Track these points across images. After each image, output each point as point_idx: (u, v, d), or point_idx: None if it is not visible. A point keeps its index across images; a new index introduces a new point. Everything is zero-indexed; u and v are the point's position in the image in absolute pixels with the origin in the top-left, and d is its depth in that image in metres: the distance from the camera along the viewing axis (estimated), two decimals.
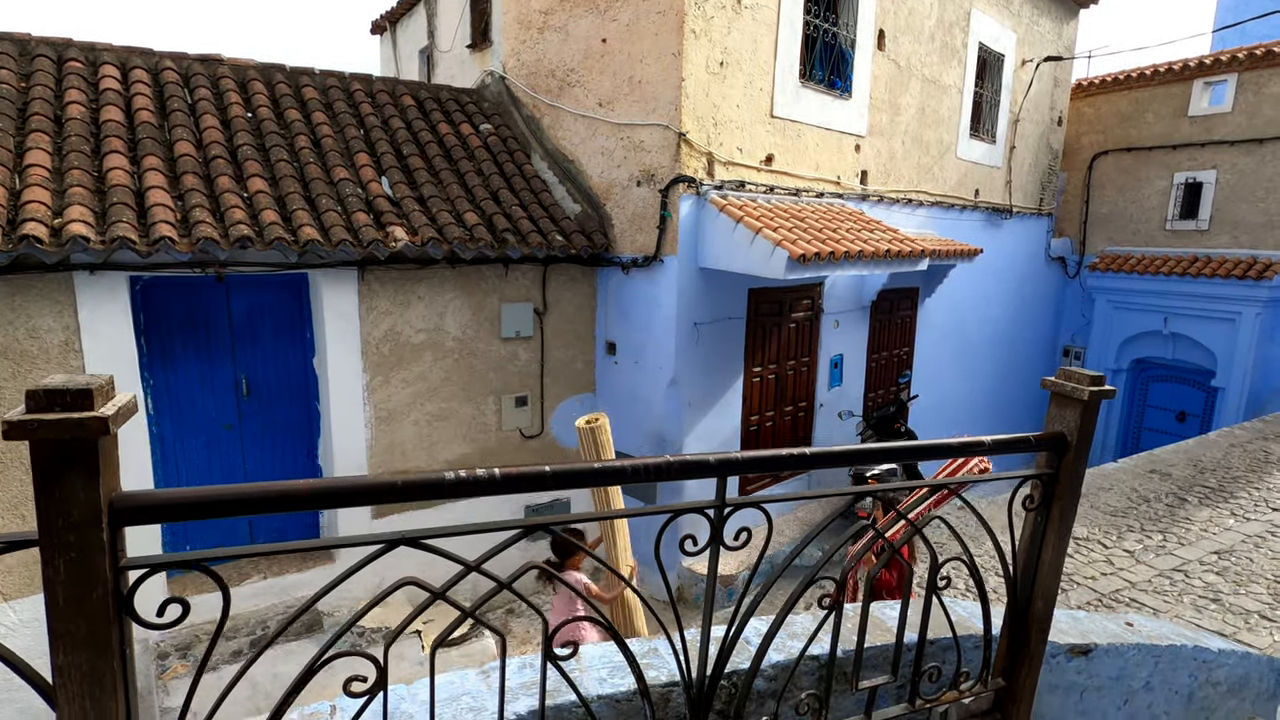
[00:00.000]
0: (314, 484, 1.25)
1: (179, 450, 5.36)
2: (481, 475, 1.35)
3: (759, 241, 5.73)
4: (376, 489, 1.30)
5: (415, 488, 1.31)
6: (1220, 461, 8.81)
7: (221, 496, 1.19)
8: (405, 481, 1.30)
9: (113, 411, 1.06)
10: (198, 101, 5.99)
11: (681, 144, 5.96)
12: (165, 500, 1.16)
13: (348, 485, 1.29)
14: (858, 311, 8.30)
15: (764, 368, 7.24)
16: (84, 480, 1.05)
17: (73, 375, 1.09)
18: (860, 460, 1.77)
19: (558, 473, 1.42)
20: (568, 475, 1.44)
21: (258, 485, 1.21)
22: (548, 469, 1.41)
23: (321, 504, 1.27)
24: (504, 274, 6.38)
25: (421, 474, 1.31)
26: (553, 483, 1.42)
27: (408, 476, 1.31)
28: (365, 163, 6.16)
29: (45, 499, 1.04)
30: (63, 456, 1.03)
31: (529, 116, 7.50)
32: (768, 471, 1.64)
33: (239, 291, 5.49)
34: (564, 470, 1.43)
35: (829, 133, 7.37)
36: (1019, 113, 10.82)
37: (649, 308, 6.45)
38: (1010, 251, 11.22)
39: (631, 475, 1.51)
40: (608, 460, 1.43)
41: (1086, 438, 2.03)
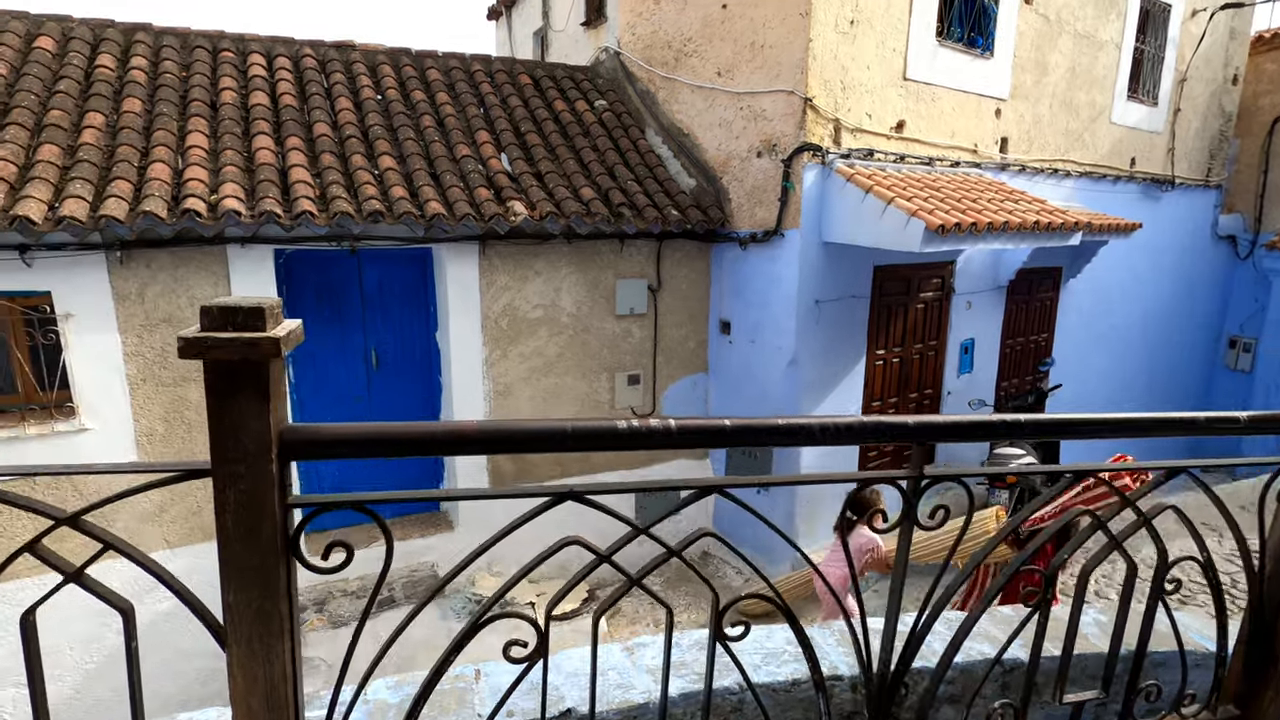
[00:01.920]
0: (482, 426, 1.14)
1: (316, 419, 5.64)
2: (656, 426, 1.19)
3: (891, 212, 5.31)
4: (545, 435, 1.17)
5: (585, 436, 1.17)
6: None
7: (390, 435, 1.10)
8: (575, 428, 1.17)
9: (283, 334, 0.98)
10: (333, 85, 6.26)
11: (807, 110, 5.62)
12: (333, 436, 1.07)
13: (516, 430, 1.17)
14: (993, 292, 7.63)
15: (888, 350, 6.79)
16: (256, 406, 0.98)
17: (244, 295, 1.02)
18: (1074, 432, 1.49)
19: (738, 428, 1.24)
20: (747, 431, 1.26)
21: (425, 425, 1.11)
22: (727, 423, 1.24)
23: (489, 448, 1.16)
24: (619, 250, 6.29)
25: (593, 421, 1.17)
26: (732, 437, 1.24)
27: (578, 423, 1.17)
28: (486, 140, 6.24)
29: (218, 424, 0.97)
30: (236, 377, 0.96)
31: (643, 91, 7.36)
32: (973, 439, 1.39)
33: (370, 265, 5.70)
34: (744, 425, 1.25)
35: (967, 96, 6.76)
36: (1186, 71, 9.58)
37: (767, 284, 6.17)
38: (1170, 228, 10.00)
39: (820, 436, 1.31)
40: (791, 417, 1.23)
41: None
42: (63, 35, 5.68)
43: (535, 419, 1.07)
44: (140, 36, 5.98)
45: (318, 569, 1.14)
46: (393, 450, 1.10)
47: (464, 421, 1.13)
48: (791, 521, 6.36)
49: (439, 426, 1.12)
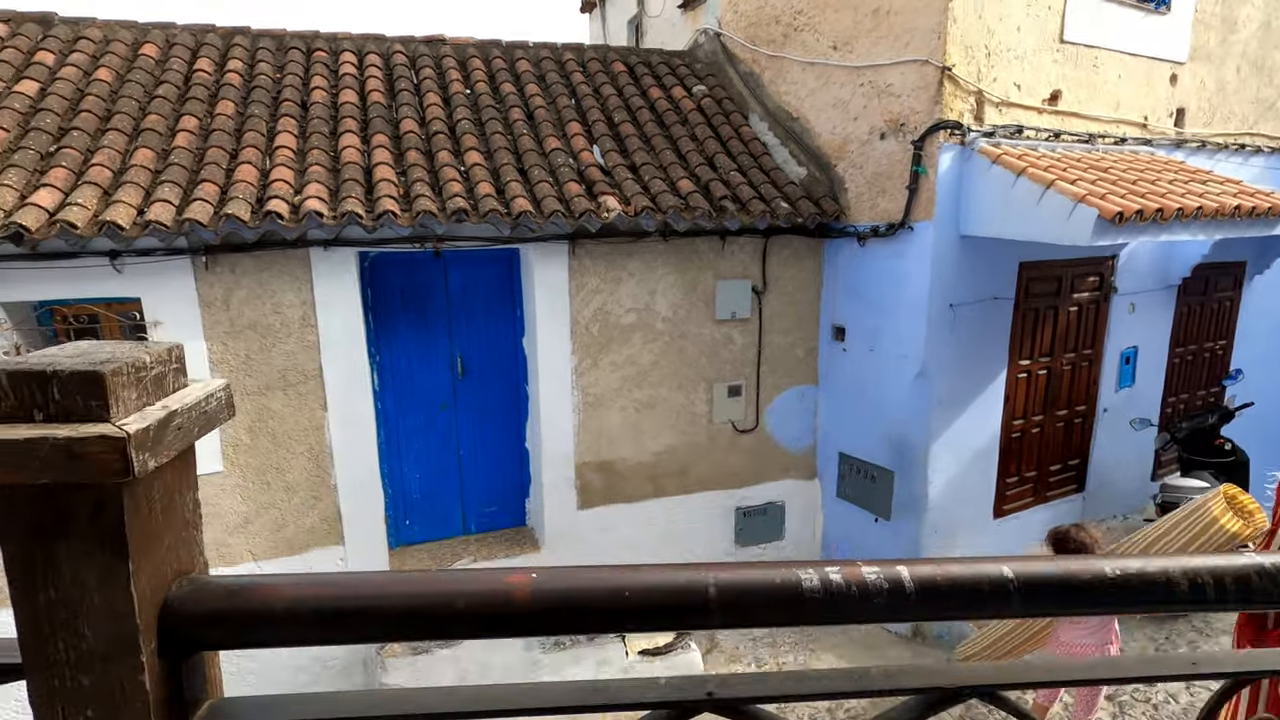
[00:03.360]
0: (556, 589, 0.61)
1: (400, 431, 5.40)
2: (876, 580, 0.62)
3: (1051, 198, 4.44)
4: (688, 590, 0.63)
5: (735, 591, 0.62)
6: None
7: (391, 602, 0.58)
8: (720, 584, 0.62)
9: (150, 423, 0.48)
10: (422, 81, 6.02)
11: (944, 82, 4.82)
12: (269, 604, 0.57)
13: (640, 586, 0.63)
14: (1161, 292, 6.48)
15: (1033, 361, 5.84)
16: (100, 562, 0.49)
17: (94, 344, 0.53)
18: None
19: (1027, 583, 0.65)
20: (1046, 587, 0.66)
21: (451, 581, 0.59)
22: (1008, 572, 0.65)
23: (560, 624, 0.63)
24: (720, 248, 5.70)
25: (754, 573, 0.62)
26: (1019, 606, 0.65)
27: (724, 577, 0.62)
28: (577, 132, 5.81)
29: (24, 597, 0.49)
30: (57, 514, 0.48)
31: (746, 73, 6.72)
32: None
33: (455, 267, 5.39)
34: (1036, 578, 0.66)
35: (1136, 60, 5.70)
36: None
37: (891, 285, 5.40)
38: None
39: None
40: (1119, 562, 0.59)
41: None
42: (166, 42, 5.71)
43: (667, 565, 0.48)
44: (238, 40, 5.95)
45: None
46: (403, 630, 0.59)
47: (519, 576, 0.59)
48: (916, 553, 5.55)
49: (464, 585, 0.59)
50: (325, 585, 0.56)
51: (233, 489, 4.70)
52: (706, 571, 0.61)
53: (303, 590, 0.55)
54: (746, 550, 6.25)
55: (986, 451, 5.71)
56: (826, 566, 0.63)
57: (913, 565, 0.64)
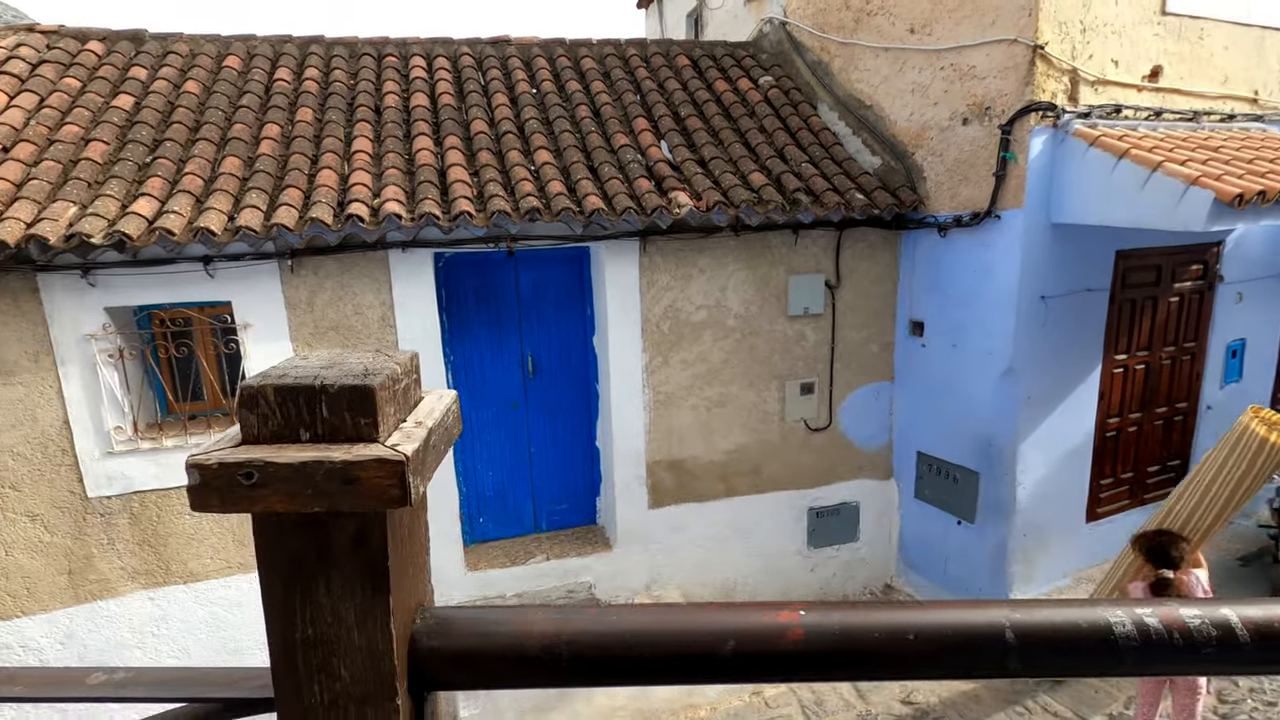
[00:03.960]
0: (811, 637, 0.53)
1: (472, 428, 5.45)
2: (1196, 625, 0.53)
3: (1158, 181, 4.15)
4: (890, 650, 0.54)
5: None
6: None
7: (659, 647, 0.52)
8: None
9: (416, 445, 0.43)
10: (490, 81, 6.05)
11: (1035, 61, 4.56)
12: (506, 645, 0.51)
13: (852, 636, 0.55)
14: (1272, 280, 6.02)
15: (1130, 355, 5.50)
16: (361, 598, 0.44)
17: (337, 353, 0.48)
18: None
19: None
20: None
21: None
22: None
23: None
24: (792, 242, 5.55)
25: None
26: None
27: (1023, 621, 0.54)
28: (644, 128, 5.75)
29: (281, 628, 0.44)
30: (319, 545, 0.43)
31: (815, 62, 6.53)
32: None
33: (526, 267, 5.40)
34: None
35: (1245, 29, 5.29)
36: None
37: (975, 277, 5.15)
38: None
39: None
40: None
41: None
42: (247, 53, 5.89)
43: (951, 603, 0.39)
44: (314, 49, 6.11)
45: None
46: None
47: (788, 613, 0.52)
48: (1003, 560, 5.30)
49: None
50: (585, 623, 0.49)
51: None
52: (999, 610, 0.53)
53: (561, 627, 0.49)
54: (820, 551, 6.09)
55: (1079, 451, 5.40)
56: (1137, 608, 0.54)
57: (1240, 607, 0.54)
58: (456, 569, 5.23)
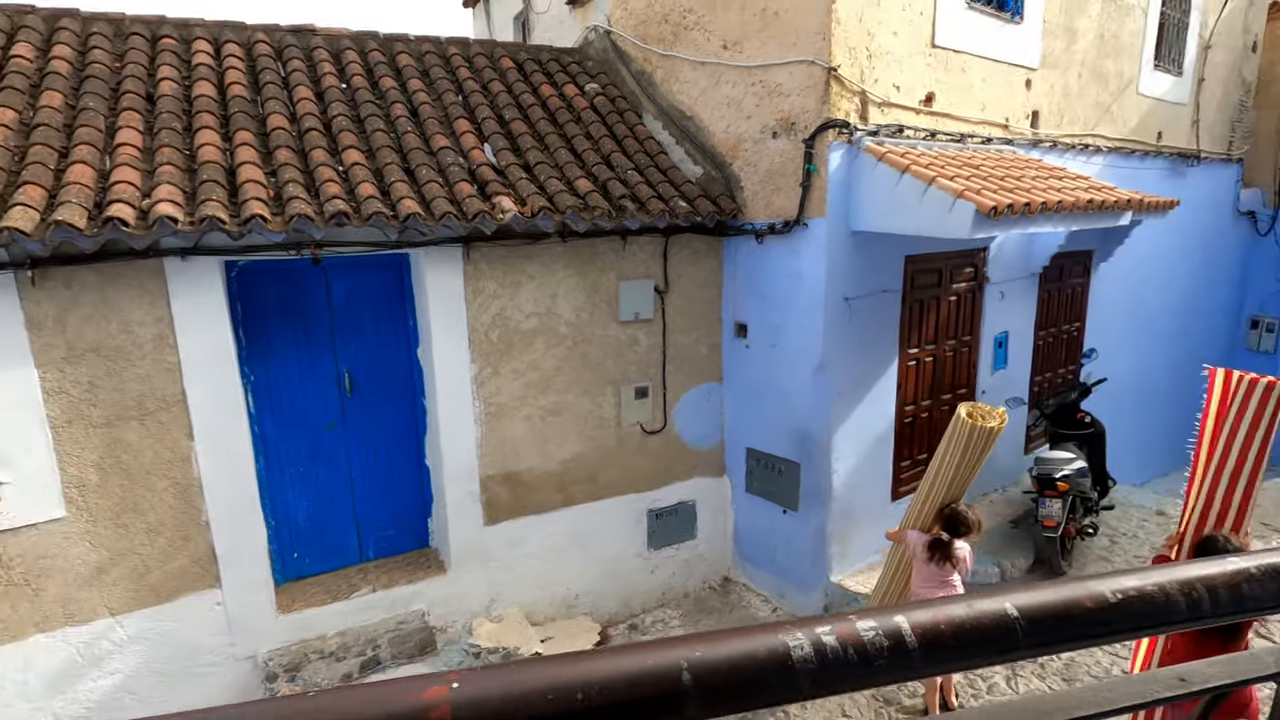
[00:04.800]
0: None
1: (282, 456, 4.93)
2: (869, 638, 0.52)
3: (933, 194, 4.67)
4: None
5: None
6: None
7: None
8: None
9: None
10: (291, 73, 5.54)
11: (831, 82, 4.96)
12: None
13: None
14: (1025, 280, 7.02)
15: (920, 349, 6.15)
16: None
17: None
18: None
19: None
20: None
21: None
22: (1012, 611, 0.57)
23: None
24: (621, 248, 5.61)
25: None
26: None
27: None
28: (466, 130, 5.54)
29: None
30: None
31: (639, 72, 6.67)
32: None
33: (338, 276, 4.99)
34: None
35: (997, 65, 6.13)
36: (1210, 37, 9.01)
37: (789, 281, 5.51)
38: (1195, 205, 9.41)
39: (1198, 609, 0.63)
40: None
41: None
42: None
43: (626, 647, 0.34)
44: (65, 23, 5.23)
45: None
46: None
47: (436, 688, 0.44)
48: (823, 543, 5.71)
49: None
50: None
51: (80, 536, 4.10)
52: (676, 650, 0.49)
53: None
54: (660, 553, 6.21)
55: (883, 438, 5.96)
56: (816, 627, 0.52)
57: (910, 612, 0.55)
58: (266, 614, 4.70)
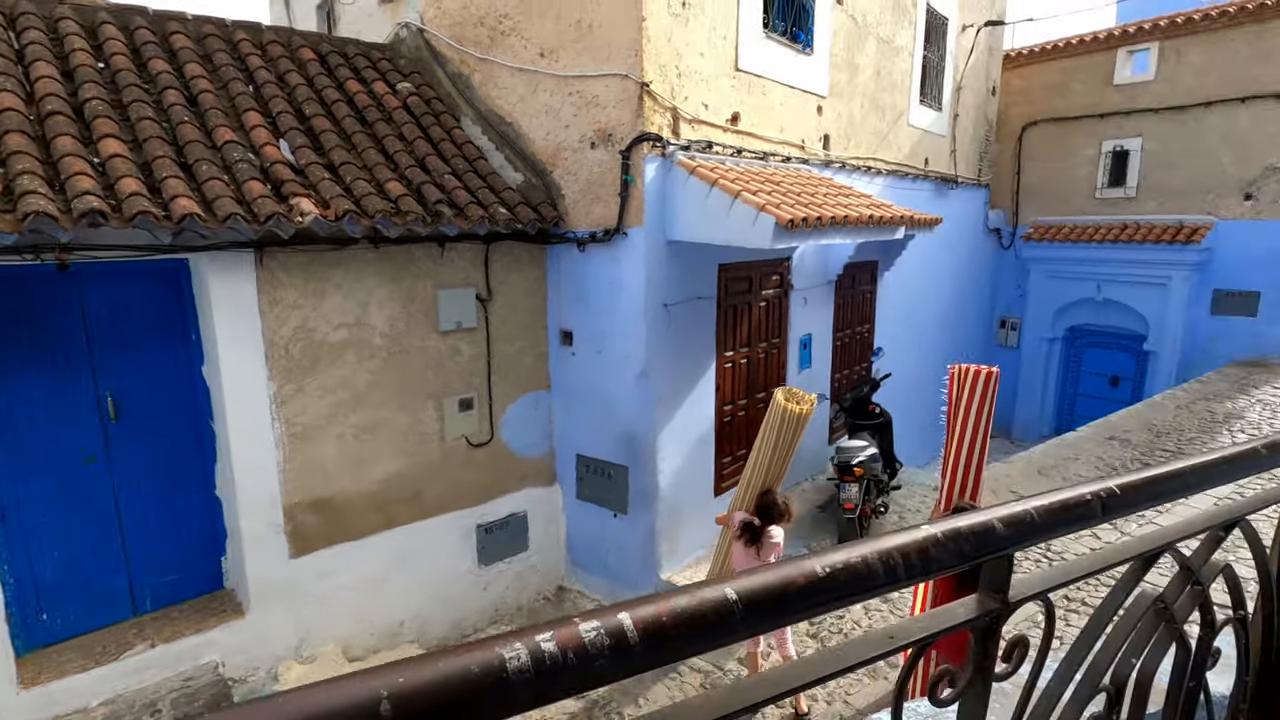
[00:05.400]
0: None
1: (21, 500, 4.12)
2: (591, 639, 0.52)
3: (739, 207, 5.00)
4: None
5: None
6: (1172, 424, 8.85)
7: None
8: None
9: None
10: (26, 46, 4.68)
11: (644, 97, 5.14)
12: None
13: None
14: (823, 287, 7.76)
15: (735, 352, 6.56)
16: None
17: None
18: (1175, 487, 1.05)
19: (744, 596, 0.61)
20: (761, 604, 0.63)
21: None
22: (730, 595, 0.60)
23: None
24: (439, 255, 5.39)
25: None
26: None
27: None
28: (258, 123, 5.03)
29: None
30: None
31: (455, 74, 6.47)
32: (1073, 529, 0.88)
33: (97, 285, 4.29)
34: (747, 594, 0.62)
35: (793, 91, 6.73)
36: (961, 80, 10.59)
37: (611, 289, 5.62)
38: (956, 222, 11.02)
39: (894, 576, 0.71)
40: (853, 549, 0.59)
41: None
42: None
43: (325, 683, 0.31)
44: None
45: None
46: None
47: None
48: (652, 543, 5.88)
49: None
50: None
51: None
52: (376, 679, 0.45)
53: None
54: (491, 568, 6.03)
55: (705, 437, 6.27)
56: (538, 634, 0.51)
57: (635, 608, 0.56)
58: (5, 690, 3.90)
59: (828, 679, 0.72)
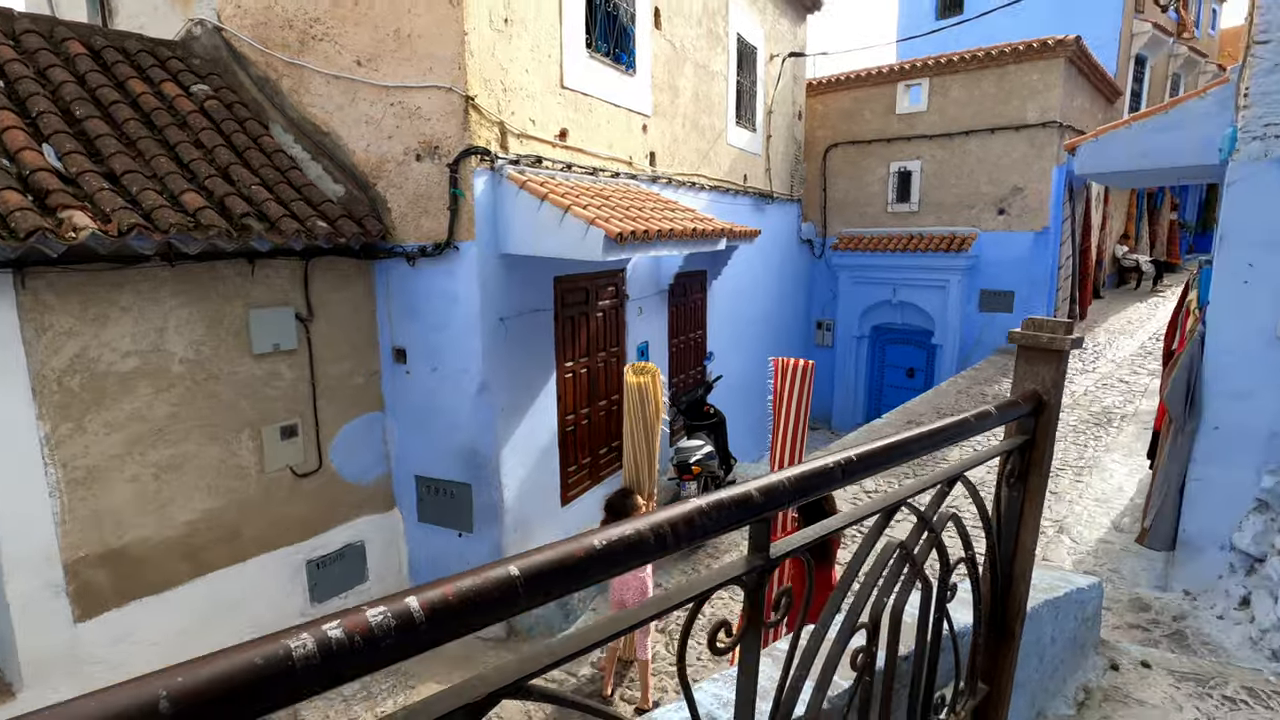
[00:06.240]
0: None
1: None
2: (377, 622, 0.58)
3: (570, 221, 5.13)
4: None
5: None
6: (954, 406, 10.27)
7: None
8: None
9: None
10: None
11: (470, 110, 5.12)
12: None
13: None
14: (657, 296, 8.13)
15: (575, 362, 6.69)
16: None
17: None
18: (898, 455, 1.28)
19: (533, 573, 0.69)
20: (544, 577, 0.72)
21: None
22: (514, 569, 0.68)
23: None
24: (250, 272, 4.98)
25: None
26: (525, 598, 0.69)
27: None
28: (11, 124, 4.36)
29: None
30: None
31: (261, 78, 6.02)
32: (820, 491, 1.06)
33: None
34: (539, 569, 0.71)
35: (618, 110, 7.01)
36: (771, 104, 11.58)
37: (445, 304, 5.51)
38: (773, 234, 12.01)
39: (663, 543, 0.82)
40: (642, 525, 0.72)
41: (1060, 394, 1.78)
42: None
43: (97, 693, 0.35)
44: None
45: None
46: None
47: None
48: (500, 556, 5.79)
49: None
50: None
51: None
52: (152, 683, 0.48)
53: None
54: (326, 605, 5.64)
55: (549, 449, 6.32)
56: (325, 624, 0.56)
57: (422, 592, 0.62)
58: None
59: (624, 632, 0.83)
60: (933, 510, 1.45)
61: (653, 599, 0.91)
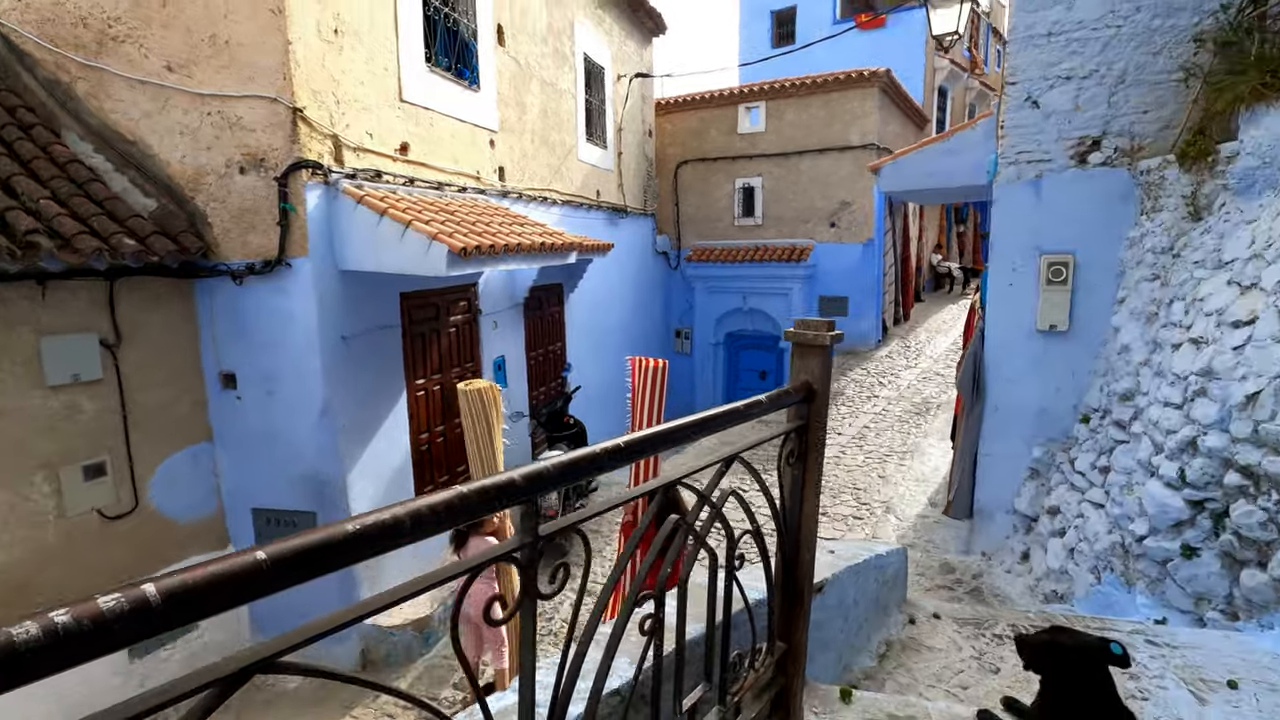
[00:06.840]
0: None
1: None
2: (109, 607, 0.64)
3: (411, 236, 5.07)
4: None
5: None
6: None
7: None
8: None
9: None
10: None
11: (298, 122, 4.93)
12: None
13: None
14: (512, 310, 8.15)
15: (428, 379, 6.56)
16: None
17: None
18: (670, 439, 1.46)
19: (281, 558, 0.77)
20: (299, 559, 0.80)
21: None
22: (262, 557, 0.76)
23: None
24: (39, 295, 4.46)
25: None
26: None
27: None
28: None
29: None
30: None
31: (50, 80, 5.42)
32: (585, 475, 1.21)
33: None
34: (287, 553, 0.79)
35: (462, 124, 6.99)
36: (621, 122, 11.98)
37: (279, 323, 5.23)
38: (628, 247, 12.41)
39: (412, 529, 0.92)
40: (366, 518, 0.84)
41: (829, 383, 2.08)
42: None
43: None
44: None
45: None
46: None
47: None
48: (352, 586, 5.57)
49: None
50: None
51: None
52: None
53: None
54: (146, 660, 5.12)
55: (402, 469, 6.14)
56: (53, 611, 0.61)
57: (163, 580, 0.68)
58: None
59: (408, 598, 0.92)
60: (712, 487, 1.65)
61: (432, 572, 1.01)
